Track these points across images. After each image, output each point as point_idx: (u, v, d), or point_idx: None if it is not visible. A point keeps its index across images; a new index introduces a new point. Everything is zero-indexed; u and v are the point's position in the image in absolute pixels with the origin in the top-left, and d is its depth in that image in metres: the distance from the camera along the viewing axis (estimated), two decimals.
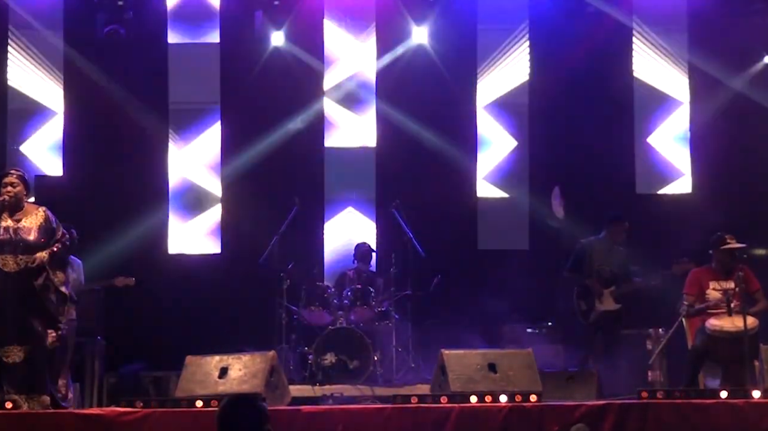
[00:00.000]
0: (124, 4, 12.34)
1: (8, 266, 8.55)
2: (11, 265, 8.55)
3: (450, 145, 12.81)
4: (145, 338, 11.91)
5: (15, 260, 8.56)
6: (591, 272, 11.02)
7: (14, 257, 8.56)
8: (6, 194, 8.62)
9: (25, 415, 8.33)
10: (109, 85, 12.53)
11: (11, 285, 8.53)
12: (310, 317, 11.44)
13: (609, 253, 11.09)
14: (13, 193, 8.64)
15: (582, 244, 11.23)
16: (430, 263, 11.78)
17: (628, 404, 8.50)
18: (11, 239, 8.56)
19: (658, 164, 12.86)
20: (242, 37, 12.81)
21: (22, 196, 8.70)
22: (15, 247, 8.56)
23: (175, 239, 12.79)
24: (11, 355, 8.51)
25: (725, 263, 9.88)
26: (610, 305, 10.93)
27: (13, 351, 8.51)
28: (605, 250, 11.10)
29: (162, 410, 8.42)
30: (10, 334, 8.52)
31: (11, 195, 8.62)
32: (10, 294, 8.53)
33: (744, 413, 8.30)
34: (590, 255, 11.10)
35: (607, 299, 10.94)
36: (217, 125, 12.89)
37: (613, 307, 10.92)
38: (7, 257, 8.55)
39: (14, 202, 8.63)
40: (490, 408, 8.38)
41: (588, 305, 11.02)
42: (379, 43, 12.98)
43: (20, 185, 8.71)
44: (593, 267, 11.03)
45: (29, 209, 8.73)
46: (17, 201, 8.65)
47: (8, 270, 8.55)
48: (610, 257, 11.05)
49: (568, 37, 12.64)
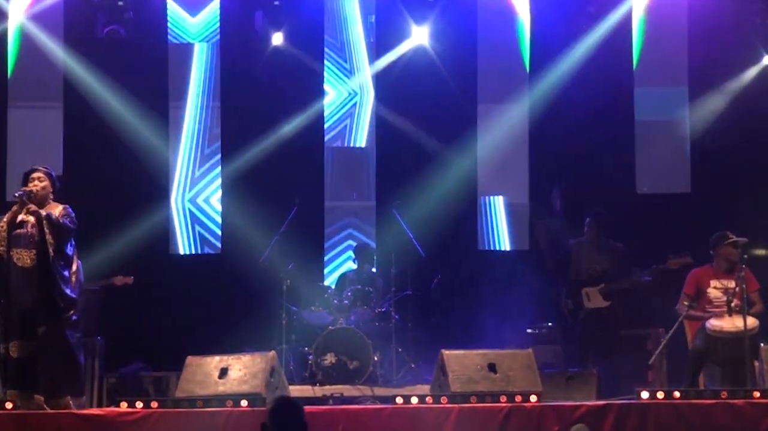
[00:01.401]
0: (124, 4, 12.32)
1: (23, 260, 8.57)
2: (26, 260, 8.57)
3: (450, 145, 12.80)
4: (145, 338, 11.91)
5: (29, 256, 8.58)
6: (579, 272, 11.03)
7: (29, 252, 8.58)
8: (32, 187, 8.67)
9: (25, 415, 8.35)
10: (109, 85, 12.51)
11: (24, 281, 8.54)
12: (310, 318, 11.44)
13: (600, 251, 11.07)
14: (40, 187, 8.71)
15: (570, 243, 11.27)
16: (430, 263, 11.79)
17: (628, 404, 8.51)
18: (27, 234, 8.59)
19: (658, 164, 12.86)
20: (242, 37, 12.80)
21: (48, 192, 8.76)
22: (30, 243, 8.58)
23: (176, 240, 12.78)
24: (16, 350, 8.52)
25: (730, 259, 9.87)
26: (599, 302, 10.92)
27: (18, 346, 8.52)
28: (595, 248, 11.09)
29: (162, 410, 8.43)
30: (18, 329, 8.53)
31: (39, 188, 8.66)
32: (22, 289, 8.54)
33: (744, 413, 8.31)
34: (577, 254, 11.13)
35: (596, 297, 10.94)
36: (217, 125, 12.88)
37: (602, 304, 10.92)
38: (22, 252, 8.58)
39: (41, 196, 8.67)
40: (490, 408, 8.38)
41: (575, 303, 11.04)
42: (378, 43, 12.97)
43: (47, 180, 8.79)
44: (581, 266, 11.03)
45: (52, 207, 8.77)
46: (43, 196, 8.70)
47: (22, 265, 8.57)
48: (601, 256, 11.04)
49: (568, 37, 12.64)
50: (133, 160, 12.54)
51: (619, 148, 12.74)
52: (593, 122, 12.57)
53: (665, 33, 12.73)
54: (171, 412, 8.44)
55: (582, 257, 11.09)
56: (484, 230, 12.88)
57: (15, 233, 8.60)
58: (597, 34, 12.61)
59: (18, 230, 8.61)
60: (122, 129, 12.56)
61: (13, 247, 8.58)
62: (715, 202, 12.27)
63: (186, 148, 12.89)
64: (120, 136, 12.56)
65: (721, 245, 9.95)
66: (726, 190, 12.41)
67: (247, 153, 12.77)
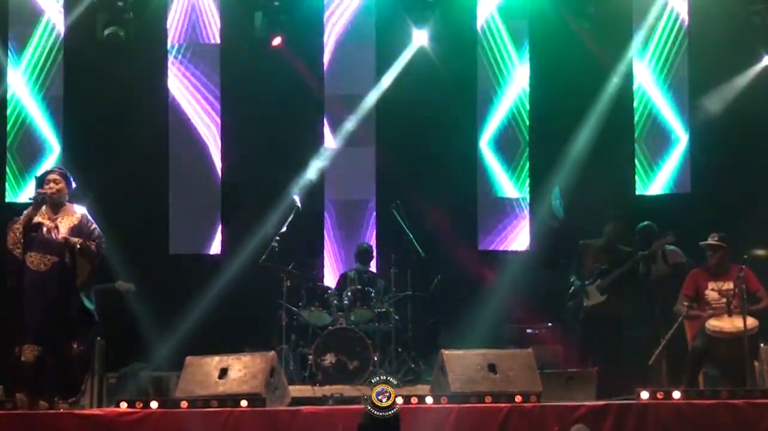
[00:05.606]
0: (124, 4, 12.31)
1: (35, 264, 8.57)
2: (38, 264, 8.57)
3: (450, 145, 12.80)
4: (145, 338, 11.90)
5: (43, 260, 8.57)
6: (585, 273, 11.08)
7: (42, 256, 8.57)
8: (48, 189, 8.68)
9: (25, 415, 8.36)
10: (109, 85, 12.51)
11: (37, 285, 8.54)
12: (310, 318, 11.44)
13: (607, 253, 11.12)
14: (56, 189, 8.72)
15: (578, 245, 11.32)
16: (430, 263, 11.79)
17: (628, 404, 8.52)
18: (42, 238, 8.59)
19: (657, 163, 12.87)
20: (242, 37, 12.80)
21: (63, 194, 8.77)
22: (44, 246, 8.58)
23: (176, 240, 12.78)
24: (25, 354, 8.52)
25: (711, 261, 9.96)
26: (597, 298, 10.98)
27: (28, 350, 8.52)
28: (602, 250, 11.15)
29: (162, 410, 8.44)
30: (29, 333, 8.53)
31: (54, 191, 8.66)
32: (35, 294, 8.53)
33: (744, 413, 8.32)
34: (584, 256, 11.22)
35: (594, 294, 11.01)
36: (217, 125, 12.88)
37: (599, 299, 10.96)
38: (35, 256, 8.57)
39: (56, 198, 8.68)
40: (490, 408, 8.39)
41: (576, 303, 11.08)
42: (379, 44, 12.96)
43: (62, 182, 8.79)
44: (587, 268, 11.08)
45: (69, 210, 8.78)
46: (59, 198, 8.70)
47: (35, 269, 8.56)
48: (608, 257, 11.09)
49: (568, 37, 12.64)
50: (133, 160, 12.52)
51: (619, 148, 12.75)
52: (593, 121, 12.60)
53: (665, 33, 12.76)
54: (171, 412, 8.44)
55: (588, 260, 11.16)
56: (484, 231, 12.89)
57: (30, 236, 8.60)
58: (597, 37, 12.62)
59: (33, 234, 8.61)
60: (122, 128, 12.57)
61: (27, 250, 8.59)
62: (715, 202, 12.26)
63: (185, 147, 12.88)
64: (119, 135, 12.56)
65: (704, 248, 10.04)
66: (726, 190, 12.41)
67: (247, 153, 12.76)
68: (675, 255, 11.14)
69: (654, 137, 12.87)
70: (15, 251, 8.58)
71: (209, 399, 8.56)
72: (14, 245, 8.59)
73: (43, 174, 8.91)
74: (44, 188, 8.73)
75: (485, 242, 12.85)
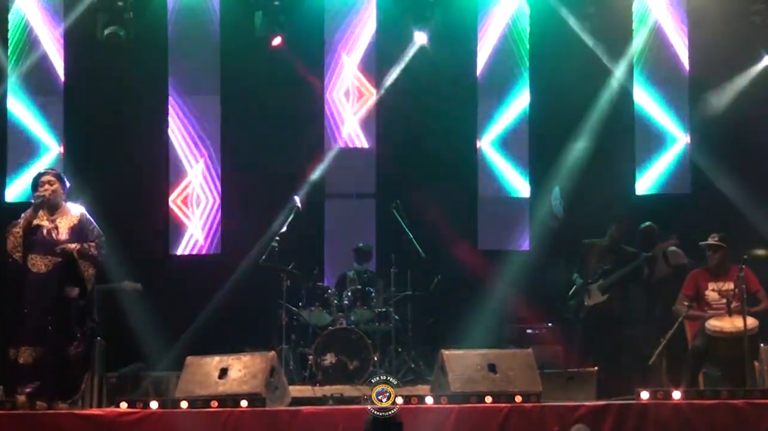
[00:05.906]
0: (124, 4, 12.31)
1: (36, 266, 8.56)
2: (40, 266, 8.56)
3: (450, 144, 12.80)
4: (145, 338, 11.89)
5: (44, 262, 8.57)
6: (587, 272, 11.08)
7: (44, 257, 8.57)
8: (44, 191, 8.67)
9: (25, 415, 8.36)
10: (109, 85, 12.51)
11: (37, 287, 8.53)
12: (310, 318, 11.44)
13: (611, 253, 11.12)
14: (51, 190, 8.70)
15: (582, 244, 11.31)
16: (430, 263, 11.78)
17: (628, 404, 8.52)
18: (42, 239, 8.58)
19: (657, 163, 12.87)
20: (242, 37, 12.80)
21: (60, 194, 8.75)
22: (45, 247, 8.57)
23: (176, 240, 12.78)
24: (23, 356, 8.52)
25: (710, 262, 9.97)
26: (598, 297, 10.98)
27: (26, 352, 8.52)
28: (607, 250, 11.15)
29: (162, 410, 8.44)
30: (28, 335, 8.52)
31: (50, 192, 8.66)
32: (35, 295, 8.53)
33: (744, 413, 8.31)
34: (587, 255, 11.21)
35: (595, 293, 11.01)
36: (218, 125, 12.88)
37: (600, 299, 10.96)
38: (36, 258, 8.57)
39: (53, 199, 8.67)
40: (490, 408, 8.39)
41: (578, 302, 11.10)
42: (379, 44, 12.96)
43: (57, 183, 8.78)
44: (590, 267, 11.08)
45: (66, 209, 8.77)
46: (55, 199, 8.69)
47: (36, 271, 8.55)
48: (612, 257, 11.09)
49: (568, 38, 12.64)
50: (133, 160, 12.53)
51: (619, 147, 12.75)
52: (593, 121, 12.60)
53: (665, 32, 12.75)
54: (171, 412, 8.44)
55: (590, 260, 11.16)
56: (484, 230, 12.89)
57: (30, 238, 8.59)
58: (597, 38, 12.61)
59: (33, 236, 8.60)
60: (122, 128, 12.56)
61: (28, 253, 8.58)
62: (715, 202, 12.27)
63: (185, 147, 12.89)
64: (119, 135, 12.55)
65: (704, 248, 10.04)
66: (726, 190, 12.40)
67: (247, 153, 12.76)
68: (677, 257, 11.14)
69: (654, 138, 12.87)
70: (15, 254, 8.58)
71: (209, 399, 8.56)
72: (14, 248, 8.59)
73: (37, 176, 8.86)
74: (39, 191, 8.71)
75: (485, 242, 12.86)
